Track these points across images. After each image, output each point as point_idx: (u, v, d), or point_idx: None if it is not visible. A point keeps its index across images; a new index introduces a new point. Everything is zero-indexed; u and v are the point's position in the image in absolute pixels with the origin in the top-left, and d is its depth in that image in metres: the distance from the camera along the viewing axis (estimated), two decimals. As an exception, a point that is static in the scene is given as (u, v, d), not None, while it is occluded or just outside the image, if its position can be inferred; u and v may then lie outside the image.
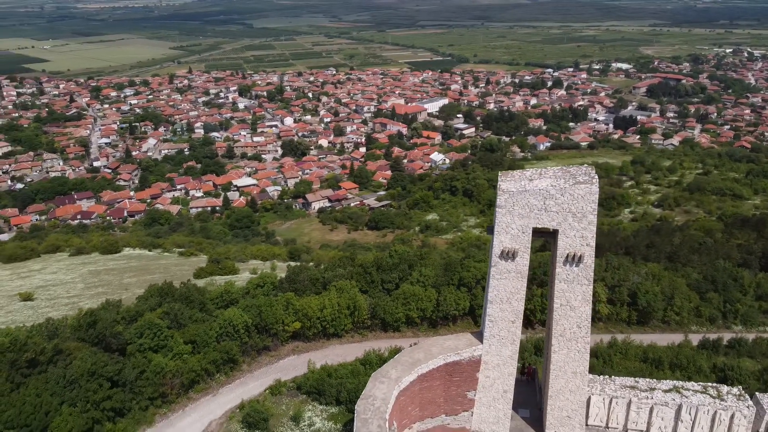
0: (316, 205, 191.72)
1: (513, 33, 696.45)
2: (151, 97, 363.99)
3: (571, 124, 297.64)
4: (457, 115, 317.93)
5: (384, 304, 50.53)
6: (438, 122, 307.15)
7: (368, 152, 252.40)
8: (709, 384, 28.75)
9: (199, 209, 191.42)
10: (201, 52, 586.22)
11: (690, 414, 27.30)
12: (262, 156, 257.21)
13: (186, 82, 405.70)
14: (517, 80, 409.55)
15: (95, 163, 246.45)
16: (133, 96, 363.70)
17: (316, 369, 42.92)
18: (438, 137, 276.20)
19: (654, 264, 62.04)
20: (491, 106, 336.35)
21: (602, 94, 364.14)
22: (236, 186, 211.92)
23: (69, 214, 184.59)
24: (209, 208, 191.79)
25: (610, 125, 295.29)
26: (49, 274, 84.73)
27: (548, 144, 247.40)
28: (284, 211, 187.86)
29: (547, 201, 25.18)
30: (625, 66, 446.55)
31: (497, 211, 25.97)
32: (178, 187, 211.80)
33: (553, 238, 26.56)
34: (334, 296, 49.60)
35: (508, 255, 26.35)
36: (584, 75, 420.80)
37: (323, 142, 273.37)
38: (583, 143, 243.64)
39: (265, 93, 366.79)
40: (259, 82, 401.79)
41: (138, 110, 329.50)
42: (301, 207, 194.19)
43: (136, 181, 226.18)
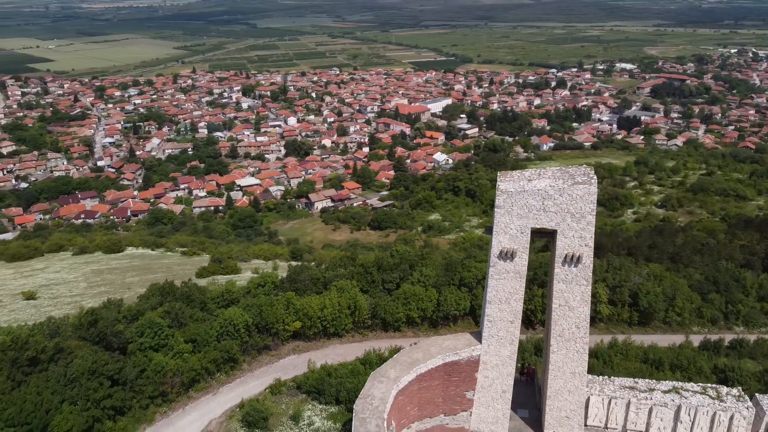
0: (319, 205, 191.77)
1: (517, 33, 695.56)
2: (155, 96, 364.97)
3: (574, 124, 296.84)
4: (461, 116, 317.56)
5: (384, 303, 50.52)
6: (441, 122, 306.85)
7: (371, 152, 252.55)
8: (708, 385, 28.67)
9: (202, 209, 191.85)
10: (205, 52, 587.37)
11: (689, 415, 27.23)
12: (266, 156, 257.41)
13: (190, 81, 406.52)
14: (520, 80, 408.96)
15: (99, 163, 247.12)
16: (137, 96, 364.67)
17: (316, 368, 42.95)
18: (441, 137, 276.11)
19: (656, 265, 61.83)
20: (495, 106, 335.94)
21: (606, 94, 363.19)
22: (239, 186, 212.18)
23: (73, 213, 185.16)
24: (212, 208, 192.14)
25: (614, 125, 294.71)
26: (52, 273, 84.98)
27: (551, 144, 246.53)
28: (287, 210, 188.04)
29: (546, 201, 25.15)
30: (629, 66, 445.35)
31: (496, 211, 25.95)
32: (182, 186, 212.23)
33: (551, 239, 26.54)
34: (334, 296, 49.60)
35: (507, 255, 26.33)
36: (588, 75, 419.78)
37: (326, 142, 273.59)
38: (587, 144, 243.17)
39: (269, 93, 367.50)
40: (262, 82, 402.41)
41: (142, 110, 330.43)
42: (304, 207, 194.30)
43: (139, 181, 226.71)
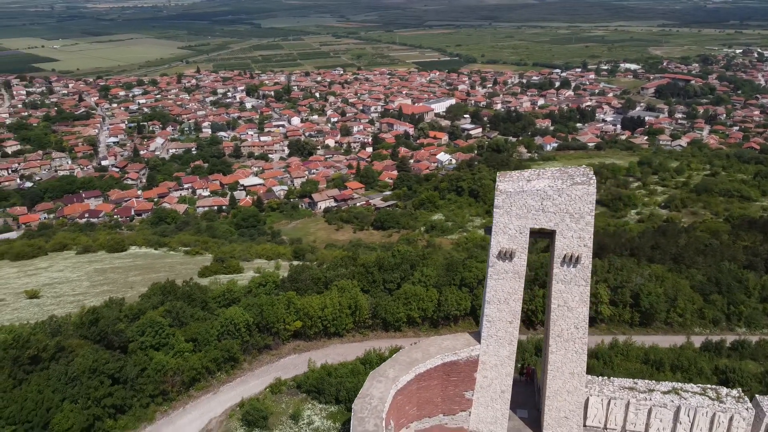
0: (322, 205, 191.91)
1: (521, 33, 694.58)
2: (159, 96, 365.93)
3: (578, 124, 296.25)
4: (464, 116, 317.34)
5: (385, 303, 50.50)
6: (445, 122, 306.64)
7: (375, 152, 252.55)
8: (708, 386, 28.60)
9: (206, 208, 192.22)
10: (209, 52, 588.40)
11: (688, 416, 27.15)
12: (269, 155, 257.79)
13: (194, 81, 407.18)
14: (524, 80, 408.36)
15: (103, 162, 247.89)
16: (141, 95, 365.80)
17: (316, 368, 42.96)
18: (445, 137, 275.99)
19: (658, 265, 61.59)
20: (498, 106, 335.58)
21: (610, 94, 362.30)
22: (243, 185, 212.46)
23: (77, 212, 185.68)
24: (216, 207, 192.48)
25: (618, 126, 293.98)
26: (55, 272, 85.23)
27: (555, 145, 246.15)
28: (290, 210, 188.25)
29: (545, 202, 25.12)
30: (633, 66, 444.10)
31: (495, 211, 25.94)
32: (185, 186, 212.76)
33: (550, 239, 26.50)
34: (335, 296, 49.59)
35: (506, 255, 26.32)
36: (592, 75, 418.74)
37: (330, 142, 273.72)
38: (591, 144, 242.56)
39: (273, 93, 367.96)
40: (266, 82, 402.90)
41: (146, 109, 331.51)
42: (307, 207, 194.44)
43: (143, 180, 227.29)
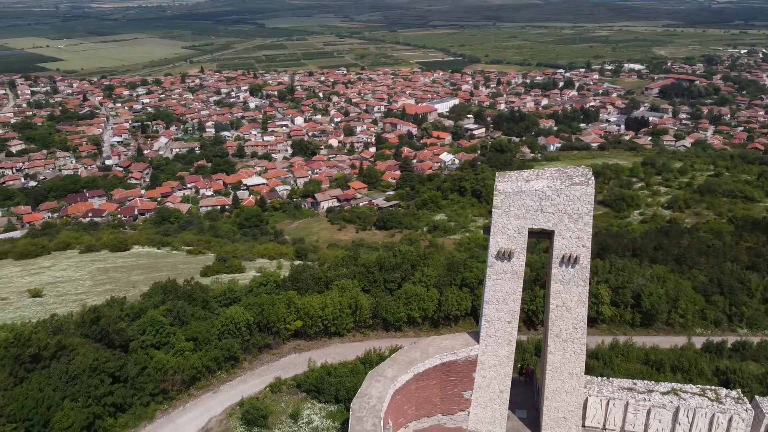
0: (325, 205, 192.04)
1: (525, 33, 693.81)
2: (163, 96, 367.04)
3: (582, 125, 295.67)
4: (468, 116, 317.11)
5: (386, 303, 50.49)
6: (448, 122, 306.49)
7: (378, 152, 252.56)
8: (707, 387, 28.56)
9: (209, 208, 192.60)
10: (213, 52, 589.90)
11: (687, 417, 27.11)
12: (272, 155, 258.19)
13: (198, 81, 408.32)
14: (528, 81, 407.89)
15: (107, 162, 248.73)
16: (145, 95, 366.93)
17: (316, 367, 42.98)
18: (448, 137, 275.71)
19: (660, 266, 61.37)
20: (502, 106, 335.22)
21: (614, 94, 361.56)
22: (246, 185, 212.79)
23: (80, 211, 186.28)
24: (219, 207, 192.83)
25: (622, 126, 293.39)
26: (58, 271, 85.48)
27: (559, 145, 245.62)
28: (293, 210, 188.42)
29: (543, 202, 25.13)
30: (637, 67, 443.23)
31: (494, 211, 25.95)
32: (189, 185, 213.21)
33: (549, 239, 26.48)
34: (336, 295, 49.60)
35: (505, 256, 26.33)
36: (596, 76, 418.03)
37: (333, 142, 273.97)
38: (594, 144, 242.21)
39: (276, 92, 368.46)
40: (270, 82, 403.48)
41: (150, 109, 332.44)
42: (310, 206, 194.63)
43: (147, 180, 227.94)
